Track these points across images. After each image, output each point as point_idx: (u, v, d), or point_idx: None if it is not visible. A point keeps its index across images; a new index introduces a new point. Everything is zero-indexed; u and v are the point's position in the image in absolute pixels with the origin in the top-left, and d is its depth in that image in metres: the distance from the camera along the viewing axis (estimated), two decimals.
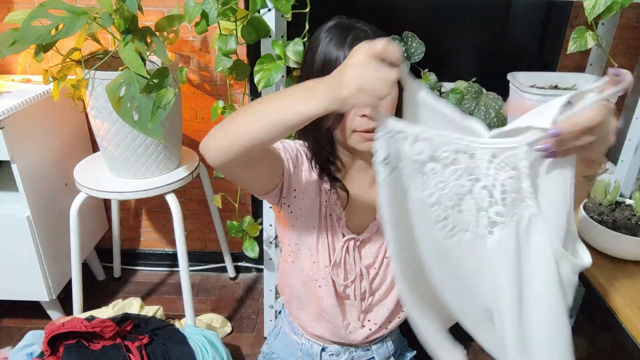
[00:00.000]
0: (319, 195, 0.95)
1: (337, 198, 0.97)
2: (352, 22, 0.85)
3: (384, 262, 1.00)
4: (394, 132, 0.62)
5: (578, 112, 0.57)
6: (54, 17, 1.20)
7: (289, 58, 1.19)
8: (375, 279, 1.01)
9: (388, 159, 0.63)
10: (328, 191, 0.96)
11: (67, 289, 1.68)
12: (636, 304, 1.01)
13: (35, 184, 1.53)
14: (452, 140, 0.62)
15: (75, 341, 1.33)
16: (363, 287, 1.01)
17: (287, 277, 1.06)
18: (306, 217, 0.96)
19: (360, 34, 0.82)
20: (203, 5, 1.17)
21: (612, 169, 1.43)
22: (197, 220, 2.04)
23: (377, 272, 1.01)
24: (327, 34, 0.84)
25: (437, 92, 1.29)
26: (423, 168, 0.64)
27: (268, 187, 0.89)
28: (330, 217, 0.97)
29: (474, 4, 1.67)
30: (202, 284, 2.06)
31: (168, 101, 1.24)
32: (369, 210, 0.99)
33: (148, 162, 1.48)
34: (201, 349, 1.43)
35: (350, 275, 1.00)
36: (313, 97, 0.60)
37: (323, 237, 0.97)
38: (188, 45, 1.70)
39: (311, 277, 1.00)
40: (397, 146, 0.63)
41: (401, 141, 0.63)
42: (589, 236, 1.19)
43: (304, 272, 1.01)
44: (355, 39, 0.81)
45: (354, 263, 0.99)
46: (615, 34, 1.48)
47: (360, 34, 0.82)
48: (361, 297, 1.02)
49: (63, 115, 1.67)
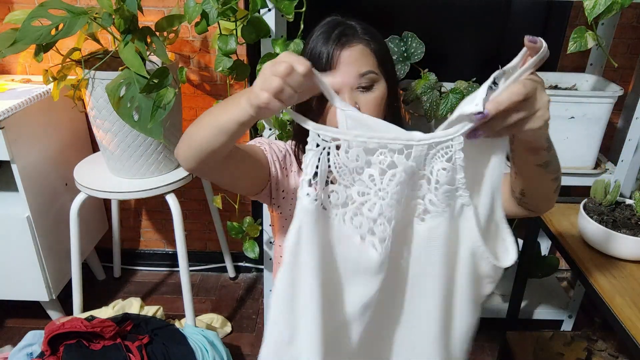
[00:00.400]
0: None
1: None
2: (344, 20, 0.84)
3: None
4: (328, 141, 0.62)
5: (503, 90, 0.56)
6: (54, 17, 1.20)
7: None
8: None
9: (316, 179, 0.63)
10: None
11: (67, 289, 1.68)
12: (636, 304, 1.01)
13: (35, 184, 1.53)
14: (387, 142, 0.62)
15: (75, 341, 1.33)
16: None
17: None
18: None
19: (347, 30, 0.81)
20: (203, 5, 1.17)
21: (612, 169, 1.43)
22: (197, 220, 2.04)
23: None
24: (317, 31, 0.84)
25: (437, 92, 1.29)
26: (360, 175, 0.64)
27: (255, 189, 0.88)
28: None
29: (474, 4, 1.67)
30: (202, 284, 2.06)
31: (168, 101, 1.24)
32: None
33: (148, 162, 1.48)
34: (201, 349, 1.43)
35: None
36: (239, 104, 0.62)
37: None
38: (188, 45, 1.70)
39: None
40: (329, 158, 0.62)
41: (334, 150, 0.62)
42: (589, 236, 1.19)
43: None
44: (341, 35, 0.80)
45: None
46: (615, 34, 1.48)
47: (346, 30, 0.81)
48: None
49: (63, 115, 1.67)
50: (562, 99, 1.31)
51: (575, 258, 1.18)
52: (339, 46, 0.79)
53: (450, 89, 1.28)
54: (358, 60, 0.80)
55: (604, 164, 1.45)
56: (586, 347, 1.45)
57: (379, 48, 0.82)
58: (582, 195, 1.33)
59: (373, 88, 0.82)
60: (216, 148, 0.67)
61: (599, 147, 1.39)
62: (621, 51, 1.64)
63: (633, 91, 1.68)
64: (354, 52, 0.80)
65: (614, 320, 1.00)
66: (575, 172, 1.40)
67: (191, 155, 0.69)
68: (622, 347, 1.43)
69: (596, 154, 1.40)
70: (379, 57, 0.82)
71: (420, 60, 1.29)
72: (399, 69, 1.29)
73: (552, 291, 1.83)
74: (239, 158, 0.78)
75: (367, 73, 0.80)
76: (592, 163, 1.41)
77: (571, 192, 1.70)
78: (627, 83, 1.70)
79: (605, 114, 1.33)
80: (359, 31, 0.82)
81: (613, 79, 1.46)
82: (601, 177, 1.41)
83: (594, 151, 1.39)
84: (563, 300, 1.79)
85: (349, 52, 0.80)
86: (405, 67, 1.29)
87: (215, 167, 0.72)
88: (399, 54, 1.29)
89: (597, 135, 1.36)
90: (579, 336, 1.51)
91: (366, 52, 0.81)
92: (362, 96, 0.81)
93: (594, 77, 1.45)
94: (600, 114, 1.32)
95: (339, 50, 0.79)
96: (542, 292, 1.82)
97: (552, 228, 1.31)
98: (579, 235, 1.24)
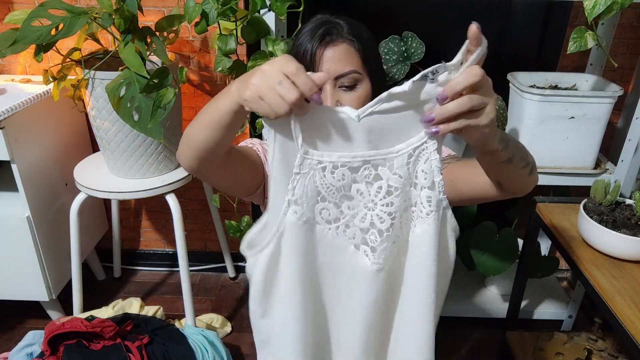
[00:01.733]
0: None
1: None
2: (331, 18, 0.84)
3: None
4: (314, 164, 0.63)
5: (458, 75, 0.58)
6: (54, 17, 1.20)
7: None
8: None
9: (300, 201, 0.65)
10: None
11: (67, 289, 1.68)
12: (636, 304, 1.01)
13: (35, 184, 1.53)
14: (370, 159, 0.63)
15: (75, 341, 1.33)
16: None
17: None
18: None
19: (332, 29, 0.81)
20: (203, 5, 1.17)
21: (612, 169, 1.43)
22: (197, 220, 2.04)
23: None
24: (304, 29, 0.84)
25: None
26: (349, 192, 0.66)
27: (251, 189, 0.89)
28: None
29: (474, 4, 1.67)
30: (202, 284, 2.06)
31: (168, 101, 1.24)
32: None
33: (148, 162, 1.48)
34: (201, 349, 1.43)
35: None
36: (228, 93, 0.61)
37: None
38: (188, 45, 1.70)
39: None
40: (316, 180, 0.64)
41: (320, 172, 0.64)
42: (589, 236, 1.19)
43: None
44: (326, 34, 0.81)
45: None
46: (615, 34, 1.48)
47: (332, 29, 0.81)
48: None
49: (63, 115, 1.67)
50: (562, 99, 1.31)
51: (575, 258, 1.18)
52: (322, 45, 0.80)
53: None
54: (341, 60, 0.80)
55: (604, 164, 1.45)
56: (586, 347, 1.45)
57: (363, 47, 0.82)
58: (582, 195, 1.33)
59: (356, 87, 0.82)
60: (215, 143, 0.66)
61: (599, 147, 1.39)
62: (621, 51, 1.64)
63: (633, 91, 1.68)
64: (337, 52, 0.80)
65: (614, 320, 1.00)
66: (575, 172, 1.40)
67: (191, 154, 0.69)
68: (622, 347, 1.43)
69: (596, 154, 1.40)
70: (364, 56, 0.82)
71: (420, 60, 1.29)
72: (399, 69, 1.29)
73: (552, 291, 1.83)
74: (238, 158, 0.78)
75: (350, 72, 0.80)
76: (592, 163, 1.41)
77: (571, 192, 1.71)
78: (627, 83, 1.70)
79: (605, 114, 1.33)
80: (344, 30, 0.81)
81: (613, 79, 1.46)
82: (601, 177, 1.41)
83: (594, 151, 1.39)
84: (563, 300, 1.79)
85: (332, 51, 0.80)
86: (405, 67, 1.29)
87: (215, 166, 0.73)
88: (399, 54, 1.29)
89: (597, 135, 1.36)
90: (579, 336, 1.51)
91: (350, 51, 0.81)
92: (345, 95, 0.82)
93: (594, 77, 1.45)
94: (600, 114, 1.32)
95: (322, 49, 0.80)
96: (542, 292, 1.82)
97: (552, 228, 1.31)
98: (579, 235, 1.24)
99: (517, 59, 1.72)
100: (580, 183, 1.43)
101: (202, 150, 0.67)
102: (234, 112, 0.62)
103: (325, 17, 0.85)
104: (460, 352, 1.74)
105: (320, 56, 0.80)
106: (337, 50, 0.80)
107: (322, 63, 0.80)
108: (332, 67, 0.80)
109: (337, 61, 0.80)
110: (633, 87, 1.69)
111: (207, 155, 0.68)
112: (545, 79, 1.47)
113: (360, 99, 0.82)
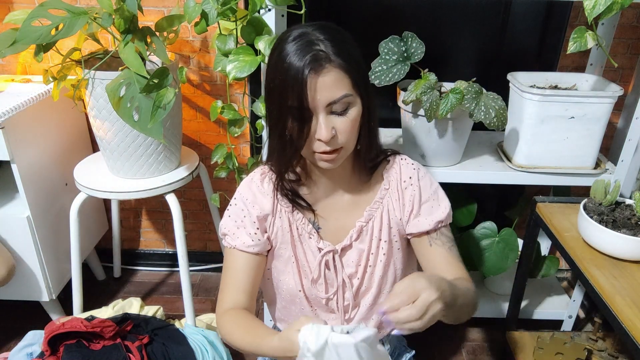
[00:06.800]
0: (287, 219, 0.97)
1: (303, 216, 0.97)
2: (313, 39, 0.80)
3: (367, 271, 0.99)
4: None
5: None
6: (54, 17, 1.20)
7: (264, 56, 1.18)
8: (360, 287, 1.00)
9: None
10: (292, 211, 0.97)
11: (67, 289, 1.68)
12: (636, 304, 1.01)
13: (35, 184, 1.53)
14: None
15: (75, 341, 1.32)
16: (347, 299, 1.00)
17: (270, 295, 1.08)
18: (279, 241, 0.98)
19: (319, 52, 0.78)
20: (203, 5, 1.17)
21: (612, 169, 1.43)
22: (197, 220, 2.04)
23: (360, 281, 1.00)
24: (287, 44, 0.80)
25: (437, 92, 1.29)
26: None
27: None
28: (301, 237, 0.97)
29: (474, 4, 1.67)
30: (202, 284, 2.06)
31: (168, 101, 1.24)
32: (345, 216, 0.98)
33: (148, 162, 1.48)
34: (201, 349, 1.43)
35: (332, 288, 1.00)
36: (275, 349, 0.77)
37: (299, 256, 0.98)
38: (188, 45, 1.71)
39: (292, 297, 1.01)
40: None
41: None
42: (589, 236, 1.19)
43: (282, 293, 1.03)
44: (314, 60, 0.77)
45: (335, 275, 0.98)
46: (615, 34, 1.48)
47: (319, 54, 0.78)
48: (344, 310, 1.01)
49: (63, 115, 1.67)
50: (562, 99, 1.31)
51: (575, 258, 1.18)
52: (312, 73, 0.77)
53: (450, 89, 1.28)
54: (332, 87, 0.79)
55: (604, 164, 1.45)
56: (586, 347, 1.45)
57: (352, 68, 0.81)
58: (582, 195, 1.33)
59: (348, 111, 0.82)
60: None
61: (599, 147, 1.39)
62: (621, 51, 1.64)
63: (633, 91, 1.68)
64: (328, 79, 0.78)
65: (614, 320, 1.00)
66: (575, 172, 1.41)
67: (232, 344, 0.89)
68: (622, 347, 1.43)
69: (596, 154, 1.40)
70: (353, 78, 0.81)
71: (420, 60, 1.29)
72: (399, 69, 1.28)
73: (552, 291, 1.83)
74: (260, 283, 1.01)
75: (342, 98, 0.80)
76: (592, 163, 1.41)
77: (571, 192, 1.71)
78: (627, 83, 1.70)
79: (605, 114, 1.33)
80: (331, 52, 0.79)
81: (613, 79, 1.46)
82: (601, 177, 1.41)
83: (594, 151, 1.39)
84: (563, 300, 1.79)
85: (322, 79, 0.78)
86: (405, 67, 1.29)
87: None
88: (399, 54, 1.29)
89: (597, 136, 1.36)
90: (579, 336, 1.51)
91: (340, 75, 0.79)
92: (338, 120, 0.82)
93: (594, 77, 1.45)
94: (600, 114, 1.32)
95: (313, 78, 0.78)
96: (542, 292, 1.82)
97: (552, 228, 1.31)
98: (579, 235, 1.24)
99: (517, 59, 1.73)
100: (580, 183, 1.43)
101: (237, 347, 0.88)
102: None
103: (306, 38, 0.80)
104: (460, 352, 1.74)
105: (312, 85, 0.78)
106: (328, 78, 0.78)
107: (314, 92, 0.78)
108: (324, 95, 0.79)
109: (329, 89, 0.79)
110: (633, 87, 1.69)
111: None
112: (545, 79, 1.47)
113: (353, 122, 0.83)
